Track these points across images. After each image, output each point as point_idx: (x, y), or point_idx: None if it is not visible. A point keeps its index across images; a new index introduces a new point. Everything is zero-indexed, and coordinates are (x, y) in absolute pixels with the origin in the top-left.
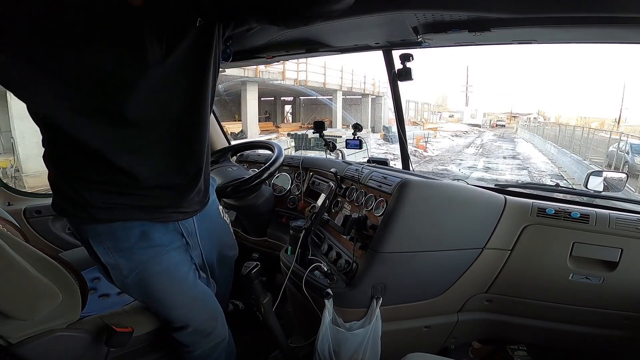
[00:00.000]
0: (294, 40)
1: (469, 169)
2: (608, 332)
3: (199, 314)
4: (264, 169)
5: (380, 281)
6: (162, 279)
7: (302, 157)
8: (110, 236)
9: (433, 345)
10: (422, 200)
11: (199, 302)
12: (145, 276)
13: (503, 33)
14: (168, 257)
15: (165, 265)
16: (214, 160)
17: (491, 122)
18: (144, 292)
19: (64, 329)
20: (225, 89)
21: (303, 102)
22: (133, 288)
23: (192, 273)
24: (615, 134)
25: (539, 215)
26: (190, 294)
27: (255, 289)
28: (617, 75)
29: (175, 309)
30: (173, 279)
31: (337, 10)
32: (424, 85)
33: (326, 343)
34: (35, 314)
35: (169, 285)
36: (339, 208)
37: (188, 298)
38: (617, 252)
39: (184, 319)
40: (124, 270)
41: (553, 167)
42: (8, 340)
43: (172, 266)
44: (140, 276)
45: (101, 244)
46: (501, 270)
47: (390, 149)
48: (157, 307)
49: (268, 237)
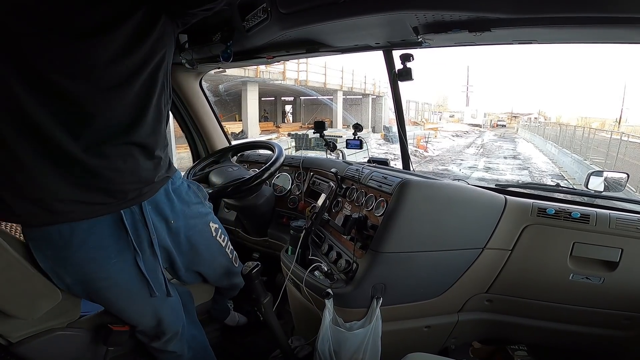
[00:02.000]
0: (295, 40)
1: (470, 169)
2: (608, 332)
3: (147, 320)
4: (265, 169)
5: (380, 281)
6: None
7: (302, 157)
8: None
9: (433, 345)
10: (423, 200)
11: (146, 309)
12: (91, 288)
13: (503, 33)
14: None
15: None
16: (214, 160)
17: (492, 122)
18: (92, 298)
19: (64, 327)
20: (226, 89)
21: (303, 102)
22: (81, 294)
23: (141, 284)
24: (616, 134)
25: (540, 215)
26: (136, 303)
27: (256, 288)
28: (617, 75)
29: (122, 314)
30: (119, 292)
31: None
32: (424, 85)
33: (326, 343)
34: (35, 313)
35: (114, 297)
36: (340, 208)
37: (134, 306)
38: (617, 252)
39: (132, 321)
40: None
41: (554, 167)
42: (8, 340)
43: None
44: (85, 286)
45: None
46: (501, 270)
47: (391, 149)
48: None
49: (268, 237)
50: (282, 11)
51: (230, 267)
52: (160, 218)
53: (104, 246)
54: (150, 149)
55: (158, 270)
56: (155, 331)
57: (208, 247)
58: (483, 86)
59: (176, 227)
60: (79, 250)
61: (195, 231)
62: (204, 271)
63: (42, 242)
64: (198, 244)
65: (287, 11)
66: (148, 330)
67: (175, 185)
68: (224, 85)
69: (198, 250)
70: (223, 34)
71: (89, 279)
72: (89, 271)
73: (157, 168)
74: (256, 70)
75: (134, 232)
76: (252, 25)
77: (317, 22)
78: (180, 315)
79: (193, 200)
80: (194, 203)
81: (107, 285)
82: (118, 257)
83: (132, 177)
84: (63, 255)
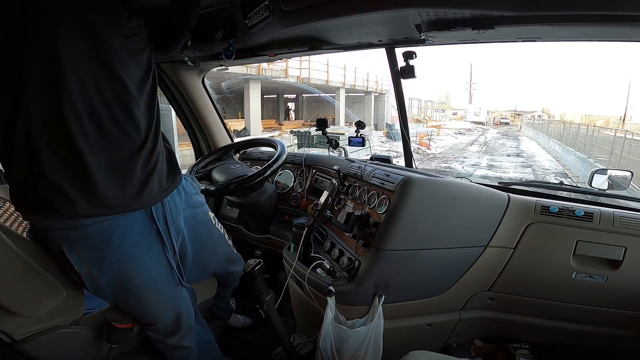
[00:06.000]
0: (297, 37)
1: (473, 166)
2: (611, 330)
3: (167, 315)
4: (267, 167)
5: (382, 279)
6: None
7: (304, 154)
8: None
9: (435, 343)
10: (425, 197)
11: (169, 304)
12: (124, 287)
13: (507, 31)
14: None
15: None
16: (217, 157)
17: (495, 120)
18: (119, 299)
19: (67, 325)
20: (229, 87)
21: (306, 100)
22: (108, 296)
23: (168, 276)
24: (620, 132)
25: (543, 214)
26: (162, 297)
27: (258, 286)
28: (622, 73)
29: (147, 311)
30: (150, 289)
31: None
32: (427, 82)
33: (328, 340)
34: (39, 311)
35: (145, 294)
36: (342, 205)
37: (160, 301)
38: (621, 251)
39: (153, 319)
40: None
41: (557, 165)
42: (13, 337)
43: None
44: (117, 286)
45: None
46: (504, 269)
47: (393, 146)
48: (129, 309)
49: (271, 235)
50: (284, 9)
51: (231, 253)
52: (175, 209)
53: (137, 242)
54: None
55: (177, 259)
56: (173, 326)
57: (210, 235)
58: (486, 84)
59: (185, 217)
60: (118, 248)
61: (198, 220)
62: (209, 259)
63: (79, 243)
64: (202, 232)
65: (290, 8)
66: (167, 326)
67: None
68: (226, 83)
69: (202, 238)
70: (225, 31)
71: (124, 278)
72: (125, 269)
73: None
74: (258, 68)
75: (160, 224)
76: (255, 22)
77: (320, 19)
78: (192, 309)
79: (192, 191)
80: (194, 193)
81: (140, 283)
82: (149, 252)
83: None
84: (101, 255)
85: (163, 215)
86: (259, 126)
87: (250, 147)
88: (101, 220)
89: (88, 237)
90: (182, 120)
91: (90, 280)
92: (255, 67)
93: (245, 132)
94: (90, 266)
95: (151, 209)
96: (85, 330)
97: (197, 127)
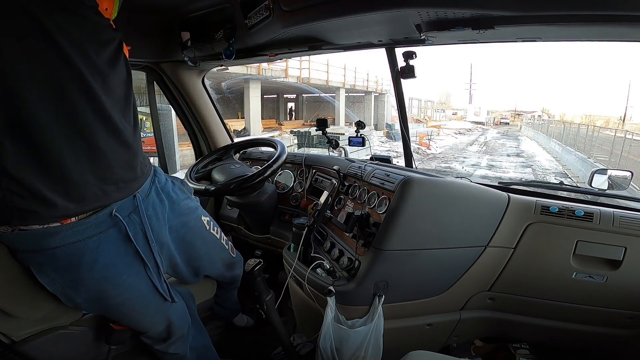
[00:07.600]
0: (297, 37)
1: (473, 166)
2: (611, 331)
3: (158, 325)
4: (267, 167)
5: (382, 279)
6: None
7: (304, 154)
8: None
9: (435, 343)
10: (425, 197)
11: (158, 316)
12: (104, 305)
13: (507, 31)
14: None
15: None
16: (217, 157)
17: (495, 120)
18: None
19: (66, 326)
20: (229, 87)
21: (306, 100)
22: (90, 310)
23: (152, 292)
24: (620, 132)
25: (543, 214)
26: (149, 312)
27: (258, 286)
28: (622, 73)
29: (134, 323)
30: (134, 305)
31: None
32: (427, 82)
33: (328, 340)
34: (36, 313)
35: (129, 309)
36: (342, 205)
37: (147, 315)
38: (621, 251)
39: (143, 328)
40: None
41: (557, 165)
42: (11, 338)
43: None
44: (98, 304)
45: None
46: (504, 269)
47: (393, 146)
48: (117, 320)
49: (271, 235)
50: (284, 8)
51: (229, 258)
52: (157, 221)
53: (113, 263)
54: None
55: (162, 276)
56: (163, 335)
57: (204, 242)
58: (486, 84)
59: (170, 227)
60: (91, 270)
61: (188, 227)
62: (204, 266)
63: (46, 266)
64: (194, 240)
65: (290, 8)
66: (158, 333)
67: (161, 184)
68: (226, 83)
69: (195, 246)
70: (225, 31)
71: (103, 297)
72: (102, 290)
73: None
74: (258, 68)
75: (138, 242)
76: (255, 22)
77: (320, 19)
78: (186, 317)
79: (181, 197)
80: (183, 199)
81: (121, 301)
82: (128, 271)
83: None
84: (73, 277)
85: (142, 232)
86: (259, 126)
87: (250, 147)
88: (67, 243)
89: (55, 261)
90: (182, 120)
91: (66, 298)
92: (255, 67)
93: (245, 132)
94: (63, 287)
95: (126, 227)
96: (84, 331)
97: (197, 127)
